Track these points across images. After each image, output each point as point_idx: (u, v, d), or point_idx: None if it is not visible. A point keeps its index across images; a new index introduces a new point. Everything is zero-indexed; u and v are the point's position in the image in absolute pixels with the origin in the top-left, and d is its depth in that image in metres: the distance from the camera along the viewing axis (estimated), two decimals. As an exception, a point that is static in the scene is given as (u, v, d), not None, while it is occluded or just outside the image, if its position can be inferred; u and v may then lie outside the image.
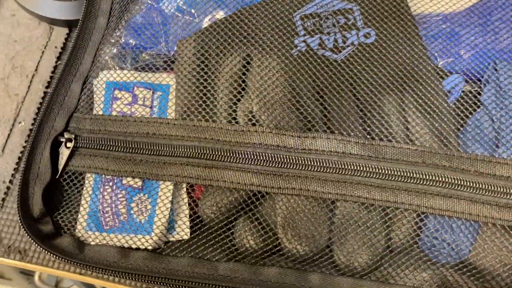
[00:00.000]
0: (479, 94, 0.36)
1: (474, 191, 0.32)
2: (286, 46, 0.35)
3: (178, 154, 0.34)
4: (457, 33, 0.38)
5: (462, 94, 0.36)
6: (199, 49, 0.36)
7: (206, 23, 0.37)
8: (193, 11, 0.37)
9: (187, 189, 0.35)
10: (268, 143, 0.33)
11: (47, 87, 0.45)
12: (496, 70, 0.36)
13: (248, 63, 0.35)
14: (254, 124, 0.34)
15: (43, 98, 0.44)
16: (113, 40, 0.38)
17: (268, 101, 0.34)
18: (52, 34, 0.47)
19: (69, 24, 0.47)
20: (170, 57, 0.37)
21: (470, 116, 0.35)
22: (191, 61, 0.36)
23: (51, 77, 0.45)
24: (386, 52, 0.36)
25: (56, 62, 0.46)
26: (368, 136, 0.33)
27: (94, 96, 0.37)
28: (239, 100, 0.35)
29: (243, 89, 0.35)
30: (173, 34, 0.37)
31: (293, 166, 0.33)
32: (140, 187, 0.35)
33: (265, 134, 0.33)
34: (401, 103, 0.35)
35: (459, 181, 0.32)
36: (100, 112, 0.36)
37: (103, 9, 0.41)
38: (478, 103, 0.36)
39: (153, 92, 0.37)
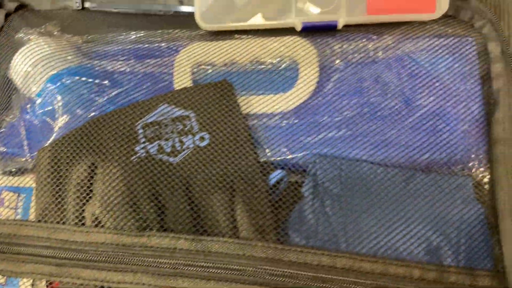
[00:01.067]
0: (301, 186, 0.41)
1: (288, 280, 0.37)
2: (127, 154, 0.40)
3: (34, 253, 0.39)
4: (287, 129, 0.43)
5: (288, 185, 0.41)
6: (53, 158, 0.40)
7: (62, 132, 0.42)
8: (49, 120, 0.42)
9: (46, 283, 0.40)
10: (108, 242, 0.38)
11: None
12: (315, 163, 0.41)
13: (93, 171, 0.40)
14: (96, 226, 0.39)
15: None
16: (-15, 149, 0.43)
17: (109, 205, 0.39)
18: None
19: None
20: (33, 162, 0.42)
21: (293, 207, 0.40)
22: (46, 169, 0.40)
23: None
24: (218, 154, 0.41)
25: None
26: (197, 233, 0.38)
27: (-34, 200, 0.42)
28: (85, 204, 0.39)
29: (90, 194, 0.40)
30: (35, 141, 0.42)
31: (130, 262, 0.37)
32: (3, 283, 0.40)
33: (106, 234, 0.38)
34: (230, 201, 0.39)
35: (277, 272, 0.37)
36: (-31, 216, 0.41)
37: (-20, 119, 0.46)
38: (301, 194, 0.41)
39: (18, 195, 0.42)
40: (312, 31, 0.46)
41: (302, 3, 0.45)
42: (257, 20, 0.45)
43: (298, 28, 0.45)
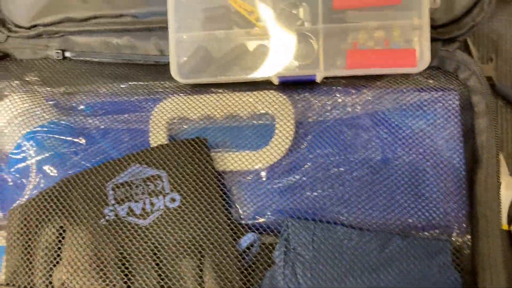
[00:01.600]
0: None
1: None
2: (96, 217, 0.40)
3: (3, 317, 0.39)
4: (261, 189, 0.42)
5: (260, 249, 0.40)
6: (22, 220, 0.40)
7: (36, 189, 0.42)
8: (22, 178, 0.42)
9: None
10: None
11: None
12: (287, 226, 0.40)
13: (62, 234, 0.40)
14: (63, 292, 0.38)
15: None
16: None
17: (75, 271, 0.38)
18: None
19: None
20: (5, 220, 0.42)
21: (265, 272, 0.39)
22: (15, 231, 0.40)
23: None
24: (188, 217, 0.40)
25: None
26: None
27: None
28: (52, 269, 0.39)
29: (57, 258, 0.39)
30: (8, 199, 0.42)
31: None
32: None
33: (72, 302, 0.38)
34: (198, 267, 0.39)
35: None
36: None
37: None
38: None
39: (-10, 254, 0.42)
40: (290, 84, 0.45)
41: (280, 56, 0.44)
42: (234, 74, 0.45)
43: (275, 82, 0.44)
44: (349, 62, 0.43)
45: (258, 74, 0.44)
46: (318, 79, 0.44)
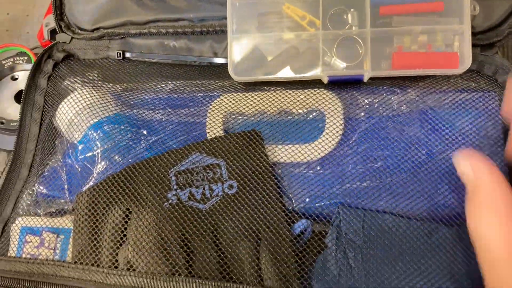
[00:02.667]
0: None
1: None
2: (160, 200, 0.43)
3: (72, 293, 0.41)
4: (313, 179, 0.44)
5: (312, 235, 0.43)
6: (90, 202, 0.43)
7: (100, 177, 0.45)
8: (89, 166, 0.45)
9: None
10: (139, 286, 0.40)
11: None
12: (339, 213, 0.42)
13: (128, 216, 0.43)
14: (128, 269, 0.41)
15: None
16: (30, 191, 0.47)
17: (140, 250, 0.41)
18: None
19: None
20: (72, 205, 0.45)
21: (317, 257, 0.41)
22: (84, 213, 0.43)
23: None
24: (245, 202, 0.42)
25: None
26: (223, 280, 0.40)
27: (10, 239, 0.45)
28: (118, 248, 0.42)
29: (124, 238, 0.42)
30: (75, 185, 0.45)
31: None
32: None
33: (137, 278, 0.40)
34: (255, 250, 0.41)
35: None
36: (13, 254, 0.44)
37: (26, 162, 0.49)
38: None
39: (57, 236, 0.45)
40: (338, 83, 0.48)
41: (329, 58, 0.47)
42: (286, 73, 0.48)
43: (325, 81, 0.47)
44: (395, 63, 0.46)
45: (309, 73, 0.48)
46: (365, 78, 0.47)
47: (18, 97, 0.63)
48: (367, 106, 0.46)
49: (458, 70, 0.46)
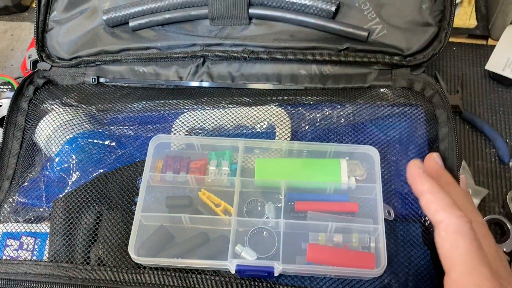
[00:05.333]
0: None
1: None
2: (128, 204, 0.48)
3: (47, 289, 0.46)
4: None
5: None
6: (65, 207, 0.48)
7: (75, 184, 0.50)
8: (65, 176, 0.51)
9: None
10: (108, 279, 0.45)
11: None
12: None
13: (99, 218, 0.48)
14: (99, 264, 0.46)
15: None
16: (11, 200, 0.52)
17: (110, 247, 0.46)
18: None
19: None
20: (49, 211, 0.50)
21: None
22: (59, 216, 0.48)
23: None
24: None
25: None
26: (183, 271, 0.45)
27: (-8, 244, 0.50)
28: (90, 246, 0.47)
29: (95, 238, 0.47)
30: (52, 194, 0.51)
31: (126, 296, 0.44)
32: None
33: (107, 272, 0.45)
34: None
35: None
36: (-5, 257, 0.49)
37: (8, 175, 0.54)
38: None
39: (35, 239, 0.49)
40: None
41: (240, 247, 0.45)
42: (193, 259, 0.45)
43: (232, 271, 0.43)
44: (309, 256, 0.44)
45: (217, 261, 0.44)
46: (276, 272, 0.43)
47: (1, 122, 0.68)
48: (311, 120, 0.53)
49: (375, 272, 0.42)
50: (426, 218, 0.48)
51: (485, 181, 0.64)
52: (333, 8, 0.55)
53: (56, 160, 0.52)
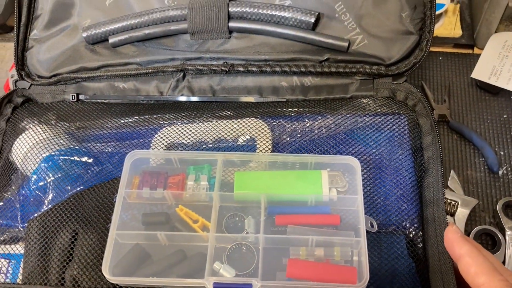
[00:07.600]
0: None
1: None
2: (104, 222, 0.47)
3: (19, 312, 0.44)
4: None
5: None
6: (40, 227, 0.47)
7: (50, 203, 0.49)
8: (41, 195, 0.50)
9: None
10: None
11: None
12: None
13: (74, 237, 0.46)
14: (74, 285, 0.44)
15: None
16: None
17: (85, 266, 0.44)
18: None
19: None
20: (24, 232, 0.49)
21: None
22: (33, 237, 0.47)
23: None
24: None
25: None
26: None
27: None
28: (65, 267, 0.45)
29: (70, 258, 0.46)
30: (27, 213, 0.49)
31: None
32: None
33: (82, 293, 0.44)
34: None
35: None
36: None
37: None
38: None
39: (9, 261, 0.48)
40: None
41: (218, 265, 0.44)
42: (169, 277, 0.43)
43: None
44: (289, 271, 0.42)
45: (193, 280, 0.42)
46: None
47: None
48: (292, 132, 0.52)
49: (356, 286, 0.41)
50: (411, 229, 0.46)
51: (475, 191, 0.63)
52: (313, 20, 0.54)
53: (33, 178, 0.51)
